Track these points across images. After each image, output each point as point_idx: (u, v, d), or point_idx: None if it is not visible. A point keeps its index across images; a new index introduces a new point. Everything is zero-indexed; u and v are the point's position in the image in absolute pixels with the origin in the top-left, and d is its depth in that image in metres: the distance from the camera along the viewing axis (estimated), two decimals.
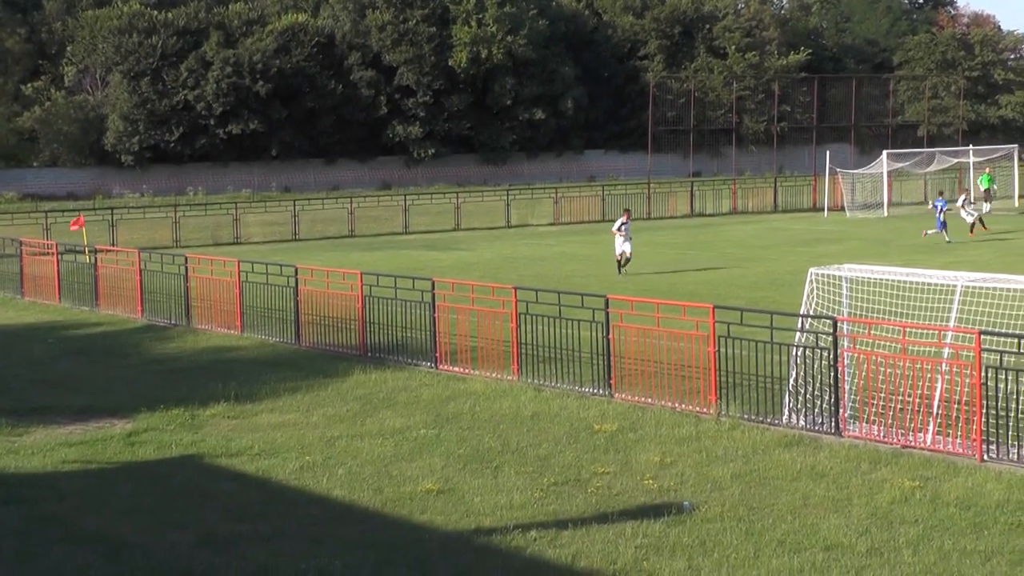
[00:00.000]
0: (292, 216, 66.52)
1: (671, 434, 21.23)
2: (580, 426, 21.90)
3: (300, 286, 31.07)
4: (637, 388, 23.82)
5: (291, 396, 24.91)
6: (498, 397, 24.26)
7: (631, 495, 17.86)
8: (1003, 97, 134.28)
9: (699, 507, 17.14)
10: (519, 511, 17.14)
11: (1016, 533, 15.90)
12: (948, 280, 21.80)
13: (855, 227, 66.03)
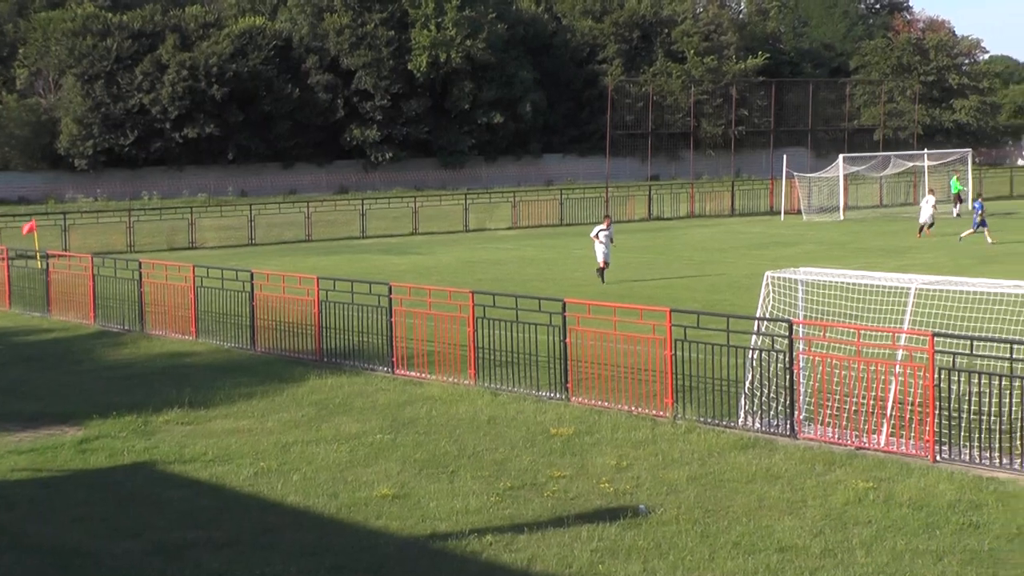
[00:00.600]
0: (248, 221, 66.22)
1: (627, 437, 21.22)
2: (536, 430, 21.87)
3: (256, 291, 30.94)
4: (594, 392, 23.81)
5: (246, 402, 24.79)
6: (455, 402, 24.21)
7: (587, 499, 17.84)
8: (957, 101, 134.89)
9: (655, 510, 17.13)
10: (475, 516, 17.10)
11: (967, 533, 15.97)
12: (902, 283, 21.88)
13: (812, 230, 66.24)
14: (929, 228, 61.17)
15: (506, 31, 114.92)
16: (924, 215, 61.73)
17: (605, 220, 45.38)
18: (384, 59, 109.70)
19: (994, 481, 18.20)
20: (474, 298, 25.93)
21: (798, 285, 22.75)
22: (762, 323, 22.31)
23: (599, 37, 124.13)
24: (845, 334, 21.47)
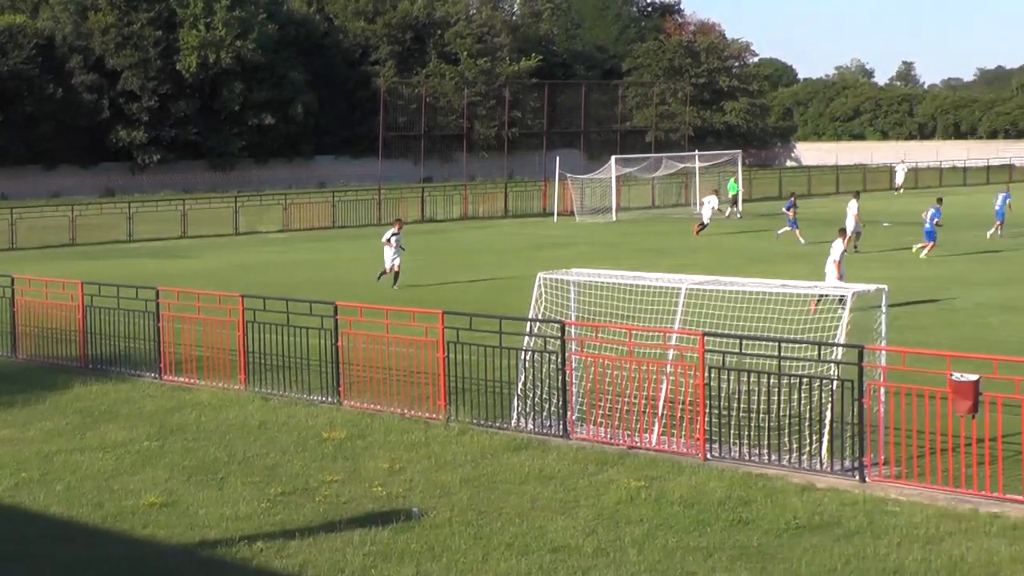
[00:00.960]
0: (9, 224, 64.42)
1: (400, 440, 21.09)
2: (308, 434, 21.63)
3: (17, 296, 30.10)
4: (366, 395, 23.65)
5: (6, 411, 24.07)
6: (225, 407, 23.84)
7: (359, 503, 17.67)
8: (728, 104, 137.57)
9: (428, 513, 17.02)
10: (245, 522, 16.81)
11: (737, 529, 16.15)
12: (673, 283, 22.09)
13: (585, 232, 66.80)
14: (703, 227, 62.24)
15: (277, 31, 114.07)
16: (705, 215, 62.78)
17: (396, 224, 44.50)
18: (151, 59, 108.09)
19: (763, 478, 18.46)
20: (244, 301, 25.58)
21: (570, 286, 22.85)
22: (534, 324, 22.36)
23: (372, 38, 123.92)
24: (617, 334, 21.61)
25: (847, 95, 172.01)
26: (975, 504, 16.96)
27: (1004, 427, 17.96)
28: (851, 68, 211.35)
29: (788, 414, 19.33)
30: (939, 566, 14.64)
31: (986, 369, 18.18)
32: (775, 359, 19.41)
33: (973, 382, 17.22)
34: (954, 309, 35.76)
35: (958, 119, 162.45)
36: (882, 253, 51.74)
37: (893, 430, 19.07)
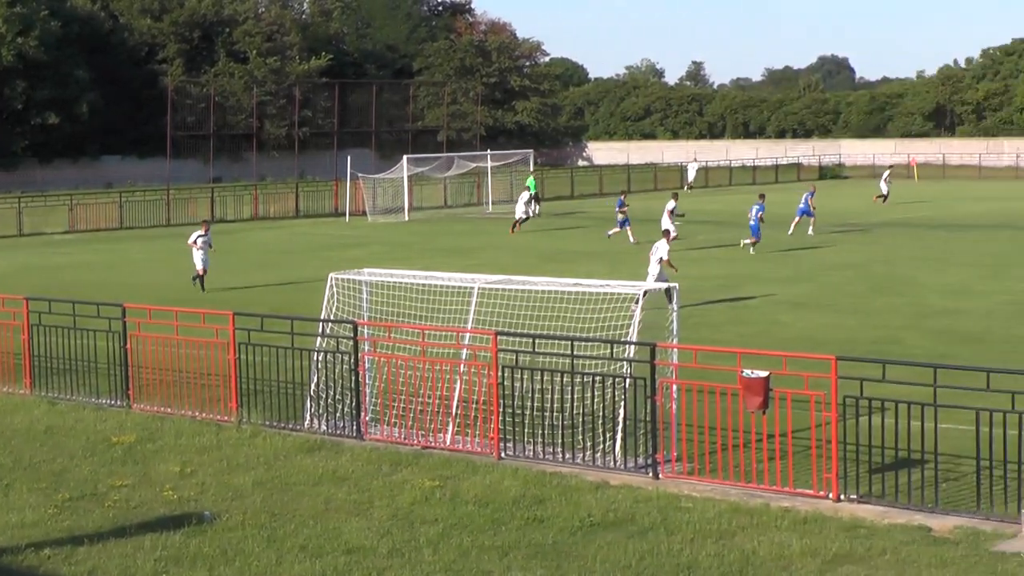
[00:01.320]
0: None
1: (191, 443, 20.79)
2: (97, 439, 21.20)
3: None
4: (157, 398, 23.29)
5: None
6: (9, 412, 23.27)
7: (150, 507, 17.36)
8: (519, 103, 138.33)
9: (220, 516, 16.79)
10: (32, 529, 16.40)
11: (532, 527, 16.19)
12: (465, 282, 22.10)
13: (377, 232, 66.66)
14: (521, 224, 62.83)
15: (60, 29, 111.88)
16: (518, 211, 63.58)
17: (203, 225, 43.57)
18: None
19: (557, 476, 18.54)
20: (28, 304, 25.00)
21: (362, 286, 22.76)
22: (327, 325, 22.23)
23: (159, 36, 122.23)
24: (410, 334, 21.56)
25: (638, 95, 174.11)
26: (766, 499, 17.23)
27: (794, 423, 18.27)
28: (641, 68, 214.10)
29: (582, 412, 19.45)
30: (732, 560, 14.83)
31: (776, 366, 18.48)
32: (568, 358, 19.52)
33: (763, 378, 17.48)
34: (746, 307, 36.36)
35: (747, 119, 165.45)
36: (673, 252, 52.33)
37: (686, 427, 19.28)
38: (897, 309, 35.45)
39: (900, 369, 18.59)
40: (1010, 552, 14.91)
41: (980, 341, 29.97)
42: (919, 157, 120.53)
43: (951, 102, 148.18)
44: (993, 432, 16.22)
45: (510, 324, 22.51)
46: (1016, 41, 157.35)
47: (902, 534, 15.62)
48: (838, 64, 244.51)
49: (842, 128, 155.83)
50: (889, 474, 17.25)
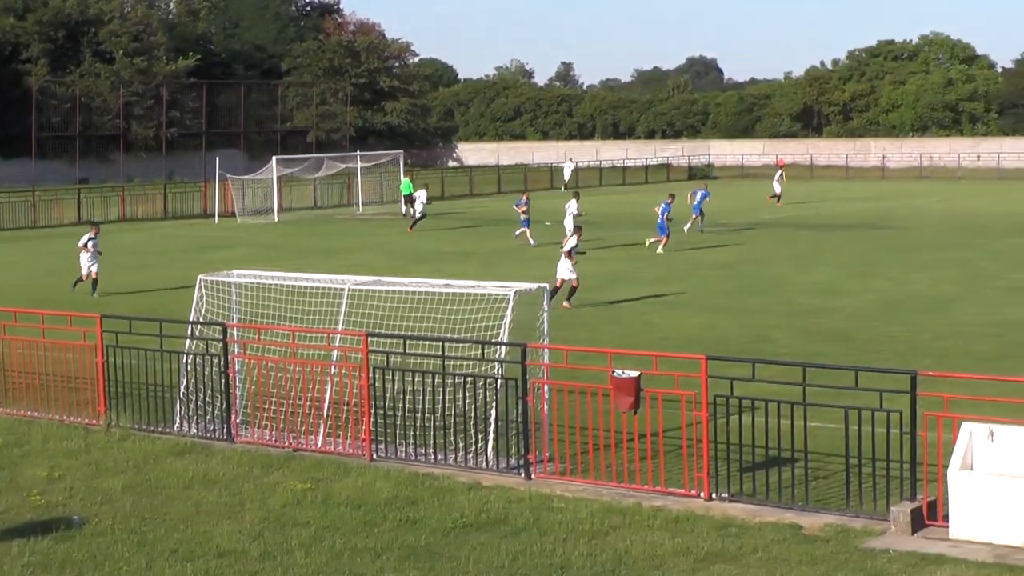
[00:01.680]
0: None
1: (59, 447, 20.50)
2: None
3: None
4: (23, 402, 22.93)
5: None
6: None
7: (17, 512, 17.10)
8: (389, 104, 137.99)
9: (89, 521, 16.57)
10: None
11: (404, 529, 16.15)
12: (336, 283, 22.01)
13: (246, 233, 66.22)
14: (415, 223, 64.16)
15: None
16: (417, 209, 64.88)
17: (93, 228, 42.79)
18: None
19: (429, 477, 18.51)
20: None
21: (232, 288, 22.58)
22: (196, 327, 22.03)
23: (22, 35, 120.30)
24: (280, 336, 21.44)
25: (507, 96, 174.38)
26: (639, 498, 17.31)
27: (665, 422, 18.36)
28: (511, 69, 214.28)
29: (453, 413, 19.43)
30: (605, 560, 14.89)
31: (647, 365, 18.59)
32: (439, 359, 19.50)
33: (634, 378, 17.56)
34: (617, 307, 36.54)
35: (616, 119, 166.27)
36: (544, 251, 52.57)
37: (557, 427, 19.31)
38: (767, 308, 35.82)
39: (770, 368, 18.79)
40: (879, 549, 15.10)
41: (848, 340, 30.35)
42: (787, 158, 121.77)
43: (818, 103, 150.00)
44: (862, 430, 16.41)
45: (381, 325, 22.43)
46: (882, 43, 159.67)
47: (773, 532, 15.77)
48: (707, 65, 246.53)
49: (711, 129, 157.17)
50: (760, 473, 17.40)
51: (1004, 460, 15.53)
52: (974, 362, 26.88)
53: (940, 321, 33.02)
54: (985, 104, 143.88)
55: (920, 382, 16.26)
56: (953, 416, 16.18)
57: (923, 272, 43.65)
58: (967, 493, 15.38)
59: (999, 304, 35.88)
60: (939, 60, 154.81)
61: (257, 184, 78.81)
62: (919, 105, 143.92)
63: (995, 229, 60.46)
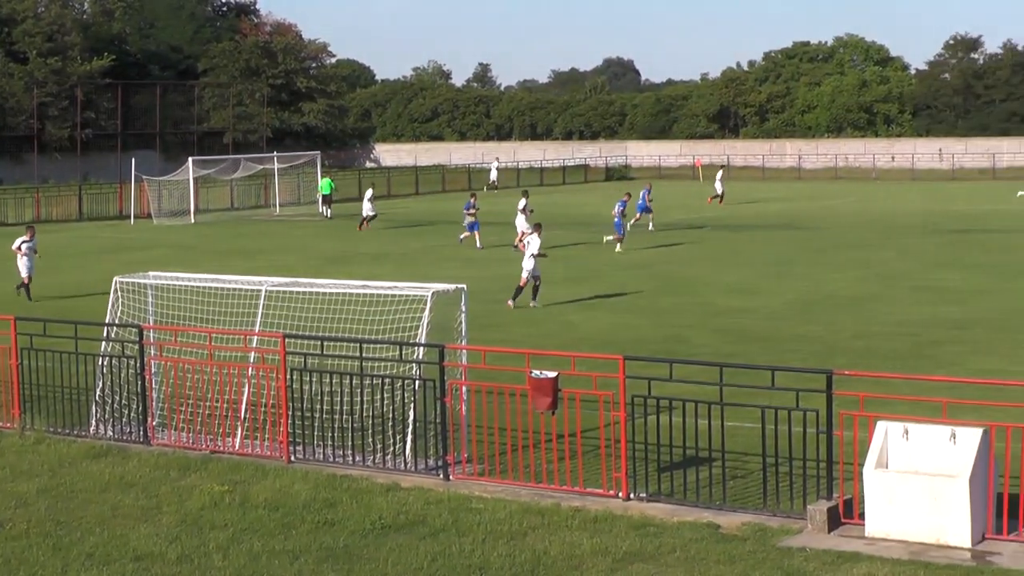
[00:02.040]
0: None
1: None
2: None
3: None
4: None
5: None
6: None
7: None
8: (306, 104, 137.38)
9: (4, 525, 16.44)
10: None
11: (322, 531, 16.11)
12: (252, 285, 21.91)
13: (163, 234, 65.79)
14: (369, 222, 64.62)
15: None
16: (366, 210, 65.29)
17: (28, 231, 42.19)
18: None
19: (348, 479, 18.47)
20: None
21: (148, 290, 22.43)
22: (112, 329, 21.86)
23: None
24: (197, 338, 21.33)
25: (425, 97, 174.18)
26: (557, 499, 17.34)
27: (583, 422, 18.42)
28: (429, 70, 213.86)
29: (372, 414, 19.41)
30: (523, 561, 14.90)
31: (565, 366, 18.62)
32: (357, 360, 19.46)
33: (552, 379, 17.58)
34: (534, 307, 36.55)
35: (534, 120, 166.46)
36: (460, 252, 52.58)
37: (476, 428, 19.33)
38: (684, 309, 35.98)
39: (687, 368, 18.87)
40: (796, 547, 15.21)
41: (765, 339, 30.54)
42: (704, 158, 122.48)
43: (735, 104, 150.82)
44: (778, 429, 16.52)
45: (298, 327, 22.36)
46: (797, 44, 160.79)
47: (691, 531, 15.84)
48: (624, 66, 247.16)
49: (628, 130, 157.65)
50: (678, 472, 17.47)
51: (919, 458, 15.67)
52: (889, 361, 27.13)
53: (856, 320, 33.29)
54: (899, 105, 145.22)
55: (836, 381, 16.39)
56: (869, 415, 16.32)
57: (839, 272, 43.98)
58: (882, 491, 15.52)
59: (914, 303, 36.22)
60: (854, 62, 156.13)
61: (173, 185, 78.32)
62: (834, 106, 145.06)
63: (910, 229, 61.03)
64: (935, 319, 33.31)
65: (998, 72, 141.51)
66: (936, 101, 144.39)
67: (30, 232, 41.78)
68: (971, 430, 15.47)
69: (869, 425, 16.15)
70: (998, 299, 36.85)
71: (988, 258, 46.88)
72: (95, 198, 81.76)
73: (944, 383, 19.49)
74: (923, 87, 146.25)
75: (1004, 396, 17.60)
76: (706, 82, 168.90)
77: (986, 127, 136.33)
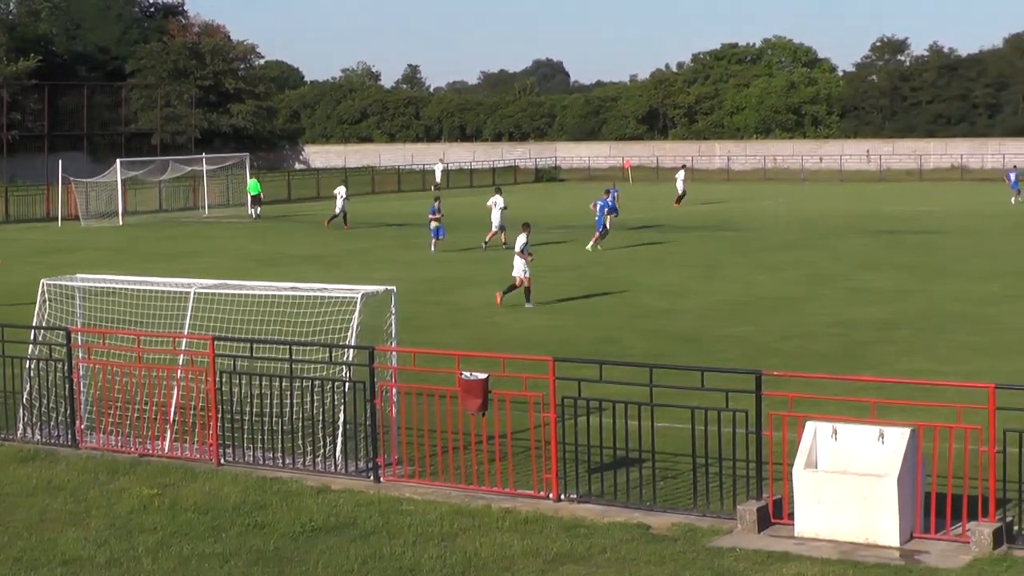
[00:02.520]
0: None
1: None
2: None
3: None
4: None
5: None
6: None
7: None
8: (235, 106, 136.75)
9: None
10: None
11: (253, 533, 16.05)
12: (181, 287, 21.81)
13: (91, 236, 65.35)
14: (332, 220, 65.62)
15: None
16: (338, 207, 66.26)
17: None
18: None
19: (278, 481, 18.41)
20: None
21: (76, 292, 22.29)
22: (39, 332, 21.70)
23: None
24: (126, 340, 21.21)
25: (354, 98, 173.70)
26: (488, 500, 17.35)
27: (513, 424, 18.44)
28: (357, 71, 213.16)
29: (302, 417, 19.37)
30: (455, 563, 14.90)
31: (494, 367, 18.64)
32: (287, 362, 19.41)
33: (482, 380, 17.60)
34: (463, 309, 36.59)
35: (463, 121, 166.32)
36: (389, 253, 52.52)
37: (406, 430, 19.33)
38: (614, 310, 36.07)
39: (617, 369, 18.93)
40: (726, 547, 15.28)
41: (695, 340, 30.66)
42: (633, 160, 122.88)
43: (664, 105, 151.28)
44: (708, 430, 16.61)
45: (228, 329, 22.25)
46: (726, 46, 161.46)
47: (622, 532, 15.89)
48: (553, 68, 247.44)
49: (558, 131, 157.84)
50: (608, 473, 17.52)
51: (847, 458, 15.78)
52: (818, 361, 27.31)
53: (785, 321, 33.49)
54: (827, 107, 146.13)
55: (765, 382, 16.48)
56: (798, 415, 16.42)
57: (768, 273, 44.22)
58: (812, 491, 15.62)
59: (842, 304, 36.47)
60: (782, 63, 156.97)
61: (101, 187, 77.81)
62: (763, 108, 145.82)
63: (838, 230, 61.44)
64: (863, 320, 33.55)
65: (924, 74, 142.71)
66: (863, 103, 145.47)
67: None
68: (899, 430, 15.59)
69: (798, 425, 16.25)
70: (924, 300, 37.16)
71: (915, 259, 47.28)
72: (21, 200, 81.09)
73: (872, 383, 19.63)
74: (850, 89, 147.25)
75: (931, 396, 17.73)
76: (635, 84, 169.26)
77: (913, 129, 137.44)
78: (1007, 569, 14.46)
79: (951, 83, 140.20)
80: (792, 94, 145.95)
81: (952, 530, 15.49)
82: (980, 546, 15.00)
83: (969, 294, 38.12)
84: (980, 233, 58.48)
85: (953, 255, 49.21)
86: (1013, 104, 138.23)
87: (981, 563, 14.64)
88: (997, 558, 14.77)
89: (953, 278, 41.93)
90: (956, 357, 28.06)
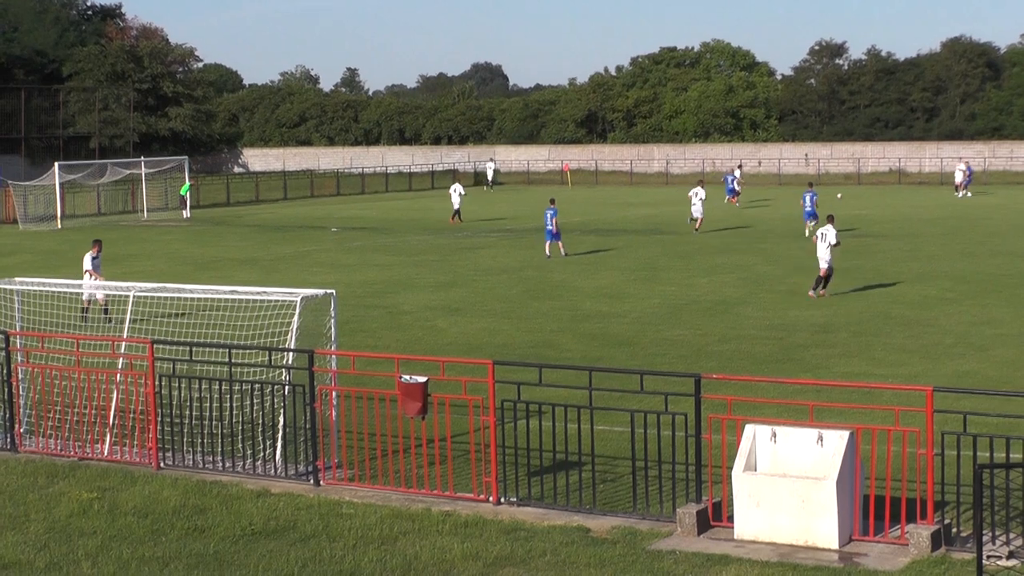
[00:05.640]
0: None
1: None
2: None
3: None
4: None
5: None
6: None
7: None
8: (173, 109, 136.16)
9: None
10: None
11: (193, 537, 16.03)
12: (120, 290, 21.76)
13: (29, 240, 64.97)
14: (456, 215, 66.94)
15: None
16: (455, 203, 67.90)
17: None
18: None
19: (218, 485, 18.39)
20: None
21: (14, 296, 22.19)
22: None
23: None
24: (65, 344, 21.13)
25: (293, 101, 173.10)
26: (428, 503, 17.39)
27: (453, 427, 18.48)
28: (296, 74, 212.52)
29: (241, 420, 19.35)
30: (394, 566, 14.93)
31: (434, 371, 18.67)
32: (226, 365, 19.38)
33: (422, 384, 17.63)
34: (402, 312, 36.59)
35: (402, 125, 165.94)
36: (328, 257, 52.45)
37: (346, 433, 19.32)
38: (552, 313, 36.14)
39: (556, 372, 18.99)
40: (665, 550, 15.37)
41: (633, 344, 30.76)
42: (572, 163, 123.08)
43: (602, 109, 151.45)
44: (647, 433, 16.69)
45: (167, 332, 22.25)
46: (664, 50, 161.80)
47: (561, 535, 15.95)
48: (492, 71, 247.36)
49: (496, 135, 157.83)
50: (547, 476, 17.59)
51: (786, 461, 15.89)
52: (756, 364, 27.47)
53: (723, 324, 33.65)
54: (765, 111, 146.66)
55: (704, 385, 16.58)
56: (736, 418, 16.53)
57: (706, 276, 44.42)
58: (751, 494, 15.72)
59: (779, 307, 36.67)
60: (720, 67, 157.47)
61: (39, 190, 77.40)
62: (701, 111, 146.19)
63: (775, 234, 61.74)
64: (800, 323, 33.76)
65: (862, 78, 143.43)
66: (802, 106, 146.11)
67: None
68: (837, 432, 15.71)
69: (737, 428, 16.35)
70: (860, 303, 37.41)
71: (849, 262, 47.56)
72: None
73: (810, 386, 19.75)
74: (789, 92, 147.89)
75: (868, 399, 17.91)
76: (574, 87, 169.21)
77: (851, 132, 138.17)
78: (945, 572, 14.60)
79: (889, 87, 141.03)
80: (731, 98, 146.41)
81: (891, 532, 15.64)
82: (919, 548, 15.14)
83: (906, 297, 38.41)
84: (917, 236, 58.89)
85: (890, 258, 49.56)
86: (950, 108, 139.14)
87: (919, 565, 14.77)
88: (935, 560, 14.91)
89: (890, 281, 42.22)
90: (893, 360, 28.27)
